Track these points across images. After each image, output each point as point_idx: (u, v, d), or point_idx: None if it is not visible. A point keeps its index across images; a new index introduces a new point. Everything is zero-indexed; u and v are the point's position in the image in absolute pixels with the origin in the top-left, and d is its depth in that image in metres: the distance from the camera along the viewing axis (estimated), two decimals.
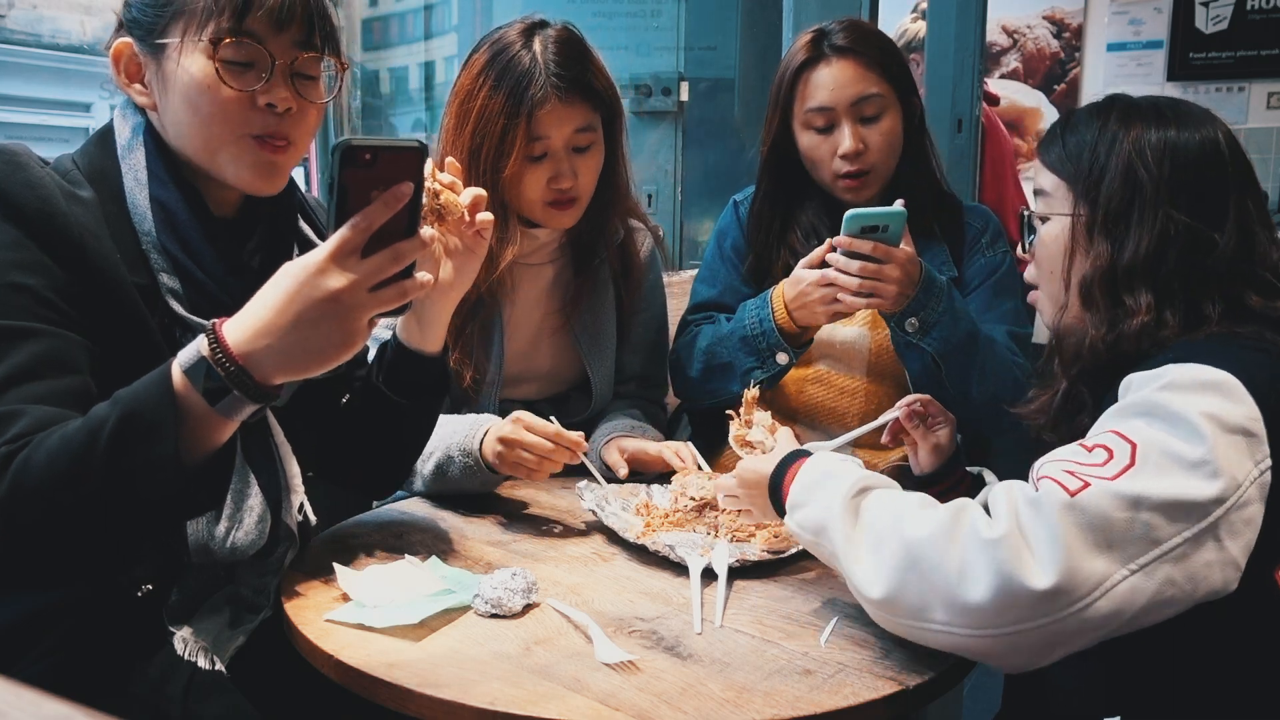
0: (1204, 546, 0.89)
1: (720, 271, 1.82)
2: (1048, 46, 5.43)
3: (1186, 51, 5.09)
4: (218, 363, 0.90)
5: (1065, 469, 0.94)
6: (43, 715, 0.40)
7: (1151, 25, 5.18)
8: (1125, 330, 1.06)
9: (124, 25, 1.13)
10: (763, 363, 1.63)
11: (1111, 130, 1.11)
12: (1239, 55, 5.01)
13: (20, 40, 3.13)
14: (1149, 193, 1.07)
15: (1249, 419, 0.93)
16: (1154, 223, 1.06)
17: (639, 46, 3.26)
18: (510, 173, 1.53)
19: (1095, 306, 1.10)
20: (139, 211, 1.11)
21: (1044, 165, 1.19)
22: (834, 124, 1.65)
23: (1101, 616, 0.88)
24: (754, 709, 0.93)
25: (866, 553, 0.99)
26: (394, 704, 0.98)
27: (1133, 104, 1.14)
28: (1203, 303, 1.05)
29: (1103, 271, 1.09)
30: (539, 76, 1.51)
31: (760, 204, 1.77)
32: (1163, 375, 0.96)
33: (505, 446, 1.42)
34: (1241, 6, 4.95)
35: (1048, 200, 1.17)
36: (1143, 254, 1.06)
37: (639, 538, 1.32)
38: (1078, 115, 1.17)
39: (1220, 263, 1.06)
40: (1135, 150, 1.09)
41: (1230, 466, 0.90)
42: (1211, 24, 5.03)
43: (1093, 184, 1.11)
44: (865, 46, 1.64)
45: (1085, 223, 1.11)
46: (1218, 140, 1.10)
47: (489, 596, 1.12)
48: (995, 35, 5.41)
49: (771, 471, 1.17)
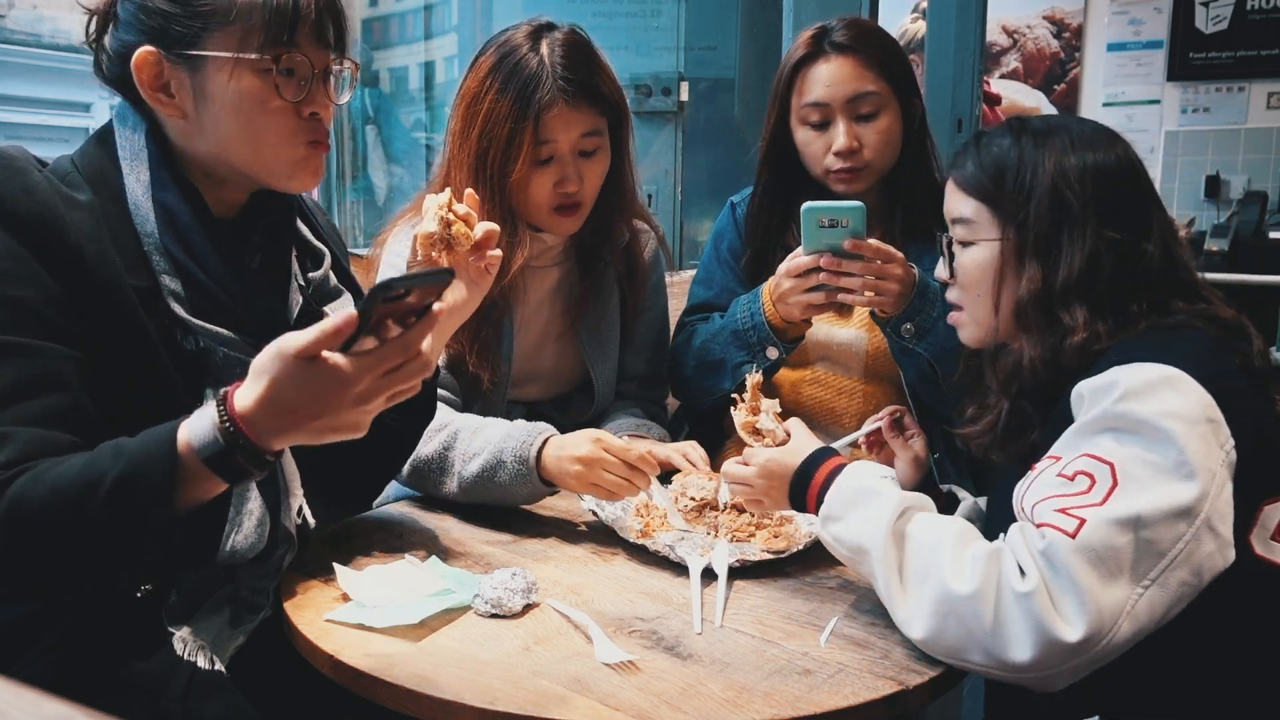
0: (1203, 541, 0.94)
1: (716, 273, 1.82)
2: (1048, 46, 5.43)
3: (1186, 51, 5.09)
4: (226, 433, 0.92)
5: (1057, 509, 0.97)
6: (43, 715, 0.40)
7: (1151, 25, 5.18)
8: (1064, 347, 1.10)
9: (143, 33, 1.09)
10: (753, 357, 1.64)
11: (1030, 154, 1.15)
12: (1239, 55, 5.01)
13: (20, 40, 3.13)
14: (1077, 213, 1.11)
15: (1205, 406, 0.97)
16: (1084, 241, 1.11)
17: (639, 46, 3.26)
18: (517, 176, 1.52)
19: (1031, 327, 1.13)
20: (141, 213, 1.11)
21: (961, 191, 1.21)
22: (829, 120, 1.65)
23: (1127, 638, 0.93)
24: (754, 709, 0.93)
25: (909, 592, 1.02)
26: (394, 704, 0.98)
27: (1045, 126, 1.17)
28: (1129, 307, 1.10)
29: (1037, 293, 1.12)
30: (546, 80, 1.50)
31: (759, 199, 1.77)
32: (1115, 385, 1.00)
33: (584, 466, 1.38)
34: (1241, 6, 4.95)
35: (970, 226, 1.19)
36: (1076, 273, 1.10)
37: (639, 538, 1.32)
38: (989, 140, 1.20)
39: (1148, 271, 1.10)
40: (1058, 173, 1.12)
41: (1203, 459, 0.95)
42: (1211, 24, 5.03)
43: (1019, 208, 1.14)
44: (865, 44, 1.64)
45: (1014, 246, 1.14)
46: (1131, 157, 1.15)
47: (489, 596, 1.12)
48: (995, 35, 5.42)
49: (798, 466, 1.18)
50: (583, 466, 1.37)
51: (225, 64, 1.08)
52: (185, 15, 1.08)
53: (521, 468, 1.41)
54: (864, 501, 1.09)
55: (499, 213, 1.55)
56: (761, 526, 1.35)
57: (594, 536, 1.39)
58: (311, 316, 1.22)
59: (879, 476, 1.12)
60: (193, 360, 1.12)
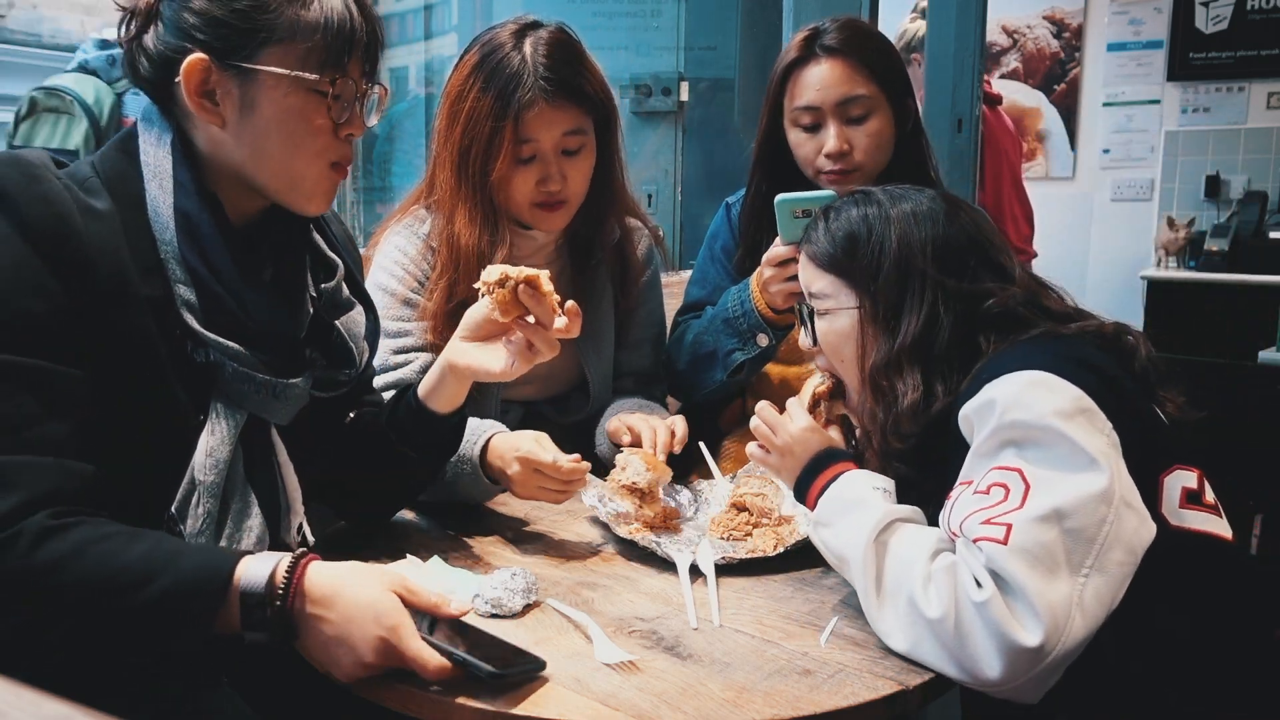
0: (1125, 518, 0.98)
1: (710, 272, 1.83)
2: (1048, 46, 5.44)
3: (1186, 51, 5.09)
4: (276, 605, 0.97)
5: (983, 520, 1.00)
6: (43, 715, 0.40)
7: (1151, 25, 5.19)
8: (899, 411, 1.16)
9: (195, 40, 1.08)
10: (744, 344, 1.65)
11: (879, 227, 1.21)
12: (1239, 55, 5.01)
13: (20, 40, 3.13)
14: (920, 278, 1.18)
15: (1075, 399, 1.03)
16: (922, 305, 1.17)
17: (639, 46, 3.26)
18: (499, 175, 1.53)
19: (881, 393, 1.19)
20: (161, 221, 1.10)
21: (813, 265, 1.27)
22: (820, 123, 1.66)
23: (1081, 632, 0.95)
24: (754, 709, 0.93)
25: (885, 606, 1.05)
26: (394, 704, 0.98)
27: (890, 199, 1.24)
28: (978, 340, 1.16)
29: (884, 360, 1.18)
30: (527, 79, 1.50)
31: (752, 198, 1.78)
32: (993, 401, 1.04)
33: (518, 482, 1.39)
34: (1241, 6, 4.96)
35: (827, 299, 1.25)
36: (915, 334, 1.17)
37: (630, 533, 1.32)
38: (838, 214, 1.26)
39: (996, 308, 1.17)
40: (904, 245, 1.19)
41: (1092, 446, 1.00)
42: (1211, 24, 5.03)
43: (869, 278, 1.20)
44: (856, 47, 1.64)
45: (869, 314, 1.21)
46: (976, 223, 1.23)
47: (489, 596, 1.12)
48: (995, 35, 5.42)
49: (804, 465, 1.21)
50: (517, 483, 1.39)
51: (280, 79, 1.09)
52: (245, 27, 1.08)
53: (466, 467, 1.43)
54: (851, 511, 1.11)
55: (481, 210, 1.55)
56: (758, 525, 1.35)
57: (594, 536, 1.39)
58: (322, 328, 1.22)
59: (871, 487, 1.13)
60: (201, 373, 1.12)
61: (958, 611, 0.97)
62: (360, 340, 1.27)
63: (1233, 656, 1.03)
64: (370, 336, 1.29)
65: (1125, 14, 5.25)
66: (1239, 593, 1.06)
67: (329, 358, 1.23)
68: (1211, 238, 4.69)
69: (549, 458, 1.36)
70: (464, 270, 1.54)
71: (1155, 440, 1.08)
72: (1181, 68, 5.11)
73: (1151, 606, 1.01)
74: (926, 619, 0.99)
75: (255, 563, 0.99)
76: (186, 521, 1.10)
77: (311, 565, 1.00)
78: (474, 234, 1.55)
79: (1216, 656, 1.02)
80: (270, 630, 0.98)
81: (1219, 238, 4.64)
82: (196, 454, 1.11)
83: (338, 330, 1.24)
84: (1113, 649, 0.99)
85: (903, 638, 1.02)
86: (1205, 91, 5.11)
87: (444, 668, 0.95)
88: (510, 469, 1.39)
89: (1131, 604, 0.98)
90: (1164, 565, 1.01)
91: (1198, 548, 1.05)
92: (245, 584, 0.97)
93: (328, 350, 1.23)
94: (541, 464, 1.36)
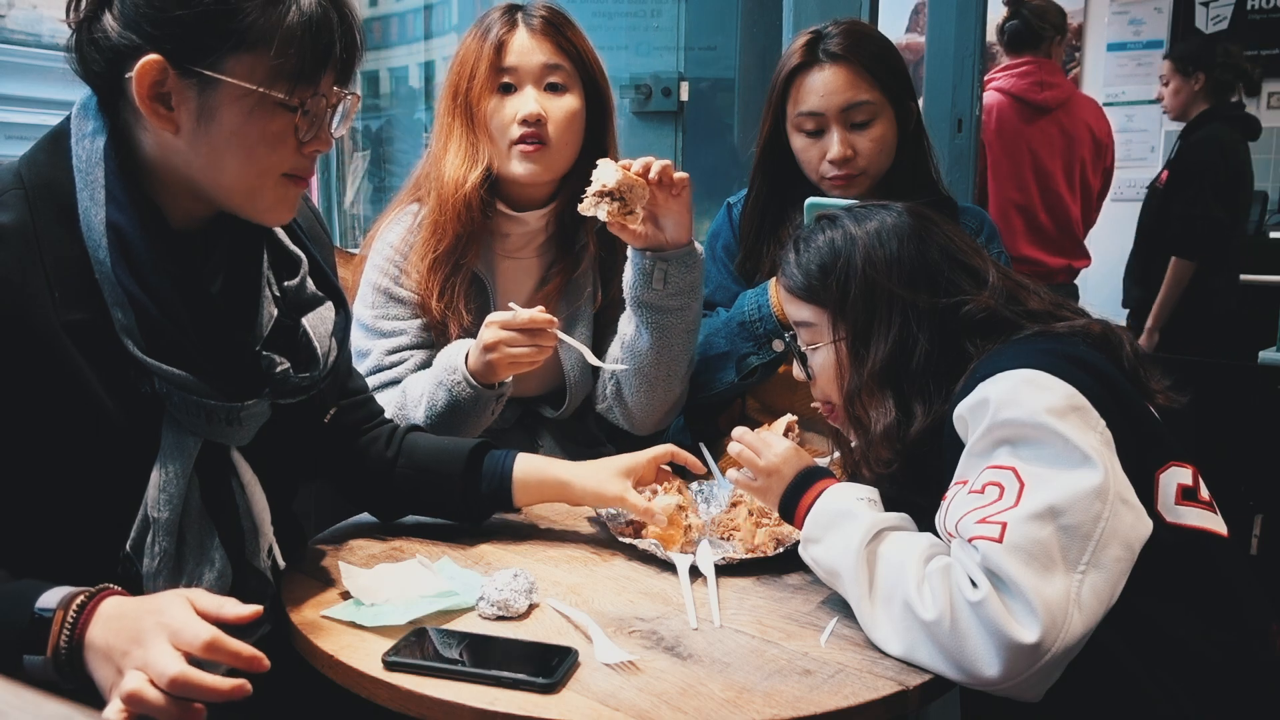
0: (1120, 514, 0.98)
1: (712, 271, 1.83)
2: None
3: None
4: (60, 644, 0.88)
5: (977, 520, 1.00)
6: (43, 715, 0.40)
7: (1151, 25, 5.19)
8: (874, 436, 1.17)
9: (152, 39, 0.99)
10: (759, 348, 1.65)
11: (844, 251, 1.21)
12: None
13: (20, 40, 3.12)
14: (887, 298, 1.17)
15: (1068, 397, 1.03)
16: (890, 327, 1.17)
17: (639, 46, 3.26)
18: (479, 101, 1.57)
19: (856, 422, 1.20)
20: (93, 237, 1.00)
21: (792, 297, 1.26)
22: (823, 129, 1.66)
23: (1080, 628, 0.95)
24: (754, 709, 0.93)
25: (878, 613, 1.05)
26: (394, 704, 0.98)
27: (855, 219, 1.23)
28: (964, 347, 1.16)
29: (858, 387, 1.19)
30: (512, 16, 1.59)
31: (753, 202, 1.78)
32: (986, 400, 1.05)
33: (494, 351, 1.44)
34: (1241, 6, 4.96)
35: (812, 330, 1.25)
36: (883, 360, 1.16)
37: (628, 536, 1.32)
38: (806, 243, 1.25)
39: (978, 313, 1.16)
40: (869, 265, 1.18)
41: (1085, 443, 1.00)
42: (1211, 24, 5.03)
43: (841, 305, 1.20)
44: (859, 53, 1.64)
45: (848, 344, 1.20)
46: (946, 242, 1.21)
47: (494, 599, 1.12)
48: (995, 35, 5.41)
49: (789, 483, 1.19)
50: (493, 353, 1.43)
51: (245, 92, 1.00)
52: (211, 32, 0.98)
53: (453, 376, 1.47)
54: (839, 524, 1.11)
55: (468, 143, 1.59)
56: (759, 525, 1.35)
57: (594, 536, 1.39)
58: (287, 329, 1.14)
59: (856, 499, 1.13)
60: (147, 400, 1.04)
61: (954, 612, 0.97)
62: (326, 338, 1.18)
63: (1231, 653, 1.03)
64: (340, 332, 1.20)
65: (1125, 14, 5.25)
66: (1236, 589, 1.06)
67: (292, 360, 1.13)
68: None
69: (507, 314, 1.43)
70: (448, 205, 1.57)
71: (1150, 437, 1.08)
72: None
73: (1149, 603, 1.01)
74: (922, 621, 0.99)
75: (52, 592, 0.91)
76: (143, 560, 1.04)
77: (108, 596, 0.91)
78: (459, 166, 1.58)
79: (1215, 652, 1.02)
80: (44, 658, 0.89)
81: None
82: (149, 489, 1.03)
83: (303, 329, 1.15)
84: (1112, 646, 0.99)
85: (899, 643, 1.02)
86: None
87: None
88: (482, 341, 1.44)
89: (1129, 600, 0.99)
90: (1161, 562, 1.01)
91: (1194, 544, 1.06)
92: (39, 606, 0.90)
93: (293, 351, 1.14)
94: (502, 320, 1.42)
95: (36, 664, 0.89)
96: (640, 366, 1.60)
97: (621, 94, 3.23)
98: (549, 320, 1.43)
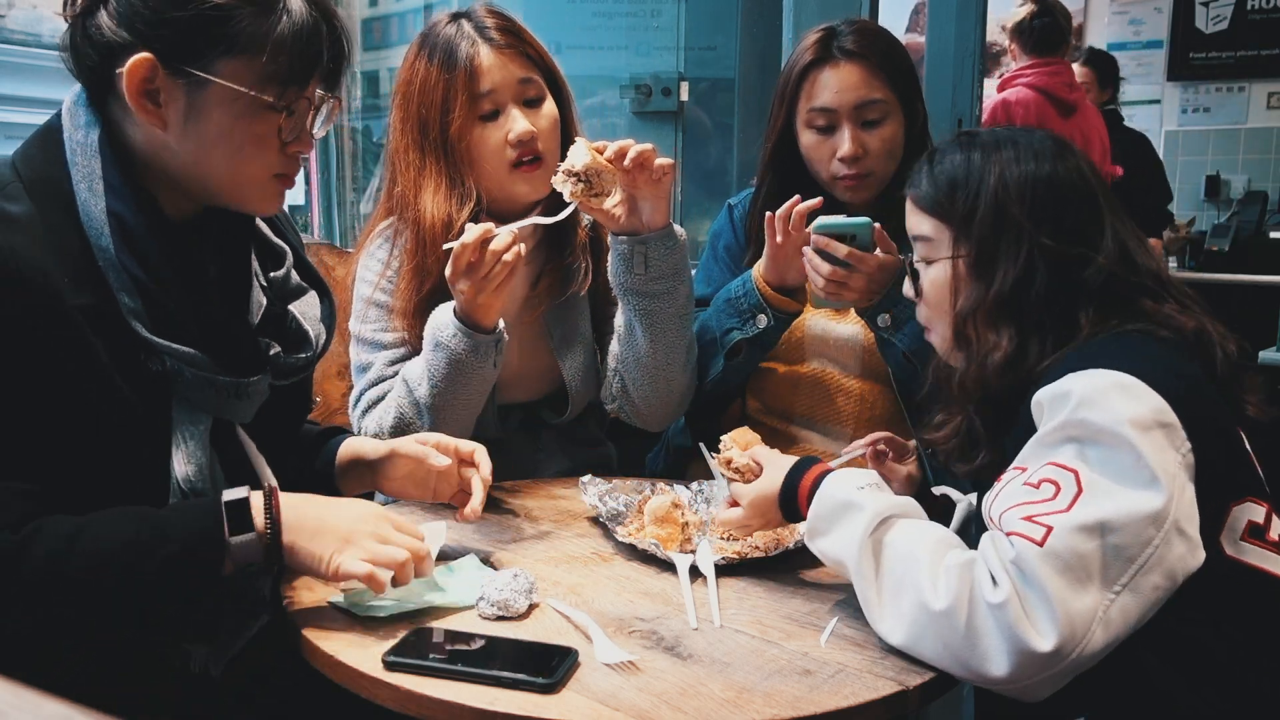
0: (1173, 544, 0.95)
1: (713, 270, 1.83)
2: None
3: (1186, 51, 5.10)
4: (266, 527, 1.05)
5: (1023, 516, 0.98)
6: (43, 715, 0.40)
7: (1151, 25, 5.19)
8: (989, 365, 1.12)
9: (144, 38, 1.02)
10: (743, 324, 1.64)
11: (977, 168, 1.16)
12: (1239, 55, 5.01)
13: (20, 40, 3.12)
14: (1015, 227, 1.12)
15: (1158, 411, 0.98)
16: (1018, 255, 1.12)
17: (639, 46, 3.26)
18: (461, 136, 1.52)
19: (967, 343, 1.15)
20: (95, 226, 1.03)
21: (916, 209, 1.22)
22: (835, 126, 1.66)
23: (1101, 645, 0.93)
24: (754, 709, 0.93)
25: (885, 603, 1.03)
26: (394, 704, 0.98)
27: (994, 139, 1.18)
28: (1077, 314, 1.10)
29: (974, 308, 1.14)
30: (469, 33, 1.53)
31: (763, 199, 1.77)
32: (1070, 393, 1.00)
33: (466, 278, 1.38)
34: (1241, 6, 4.96)
35: (929, 244, 1.21)
36: (1007, 288, 1.12)
37: (627, 536, 1.32)
38: (941, 155, 1.21)
39: (1097, 277, 1.11)
40: (1001, 185, 1.13)
41: (1162, 464, 0.96)
42: (1211, 24, 5.04)
43: (966, 222, 1.15)
44: (873, 51, 1.65)
45: (967, 262, 1.16)
46: (1080, 168, 1.15)
47: (495, 599, 1.11)
48: (995, 35, 5.41)
49: (781, 485, 1.18)
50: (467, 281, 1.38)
51: (234, 94, 1.03)
52: (203, 35, 1.02)
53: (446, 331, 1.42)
54: (843, 515, 1.09)
55: (448, 176, 1.53)
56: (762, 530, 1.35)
57: (594, 536, 1.39)
58: (276, 317, 1.19)
59: (857, 487, 1.11)
60: (157, 380, 1.07)
61: (970, 609, 0.96)
62: (316, 323, 1.24)
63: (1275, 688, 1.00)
64: (327, 320, 1.26)
65: (1125, 14, 5.25)
66: None
67: (285, 344, 1.19)
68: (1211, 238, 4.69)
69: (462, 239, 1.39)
70: (431, 247, 1.52)
71: (1235, 468, 1.05)
72: (1181, 68, 5.12)
73: (1199, 629, 0.99)
74: (932, 611, 0.97)
75: (231, 493, 1.05)
76: None
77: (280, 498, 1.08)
78: (444, 205, 1.52)
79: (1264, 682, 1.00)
80: (257, 533, 1.04)
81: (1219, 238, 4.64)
82: (175, 465, 1.08)
83: (292, 315, 1.21)
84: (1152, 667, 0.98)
85: (904, 633, 1.00)
86: (1205, 91, 5.11)
87: None
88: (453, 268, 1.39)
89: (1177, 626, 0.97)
90: (1213, 593, 0.98)
91: (1250, 581, 1.02)
92: (229, 498, 1.04)
93: (283, 336, 1.20)
94: (455, 255, 1.38)
95: (249, 540, 1.04)
96: (639, 358, 1.60)
97: (621, 94, 3.23)
98: (487, 229, 1.38)
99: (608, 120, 3.27)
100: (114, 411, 1.04)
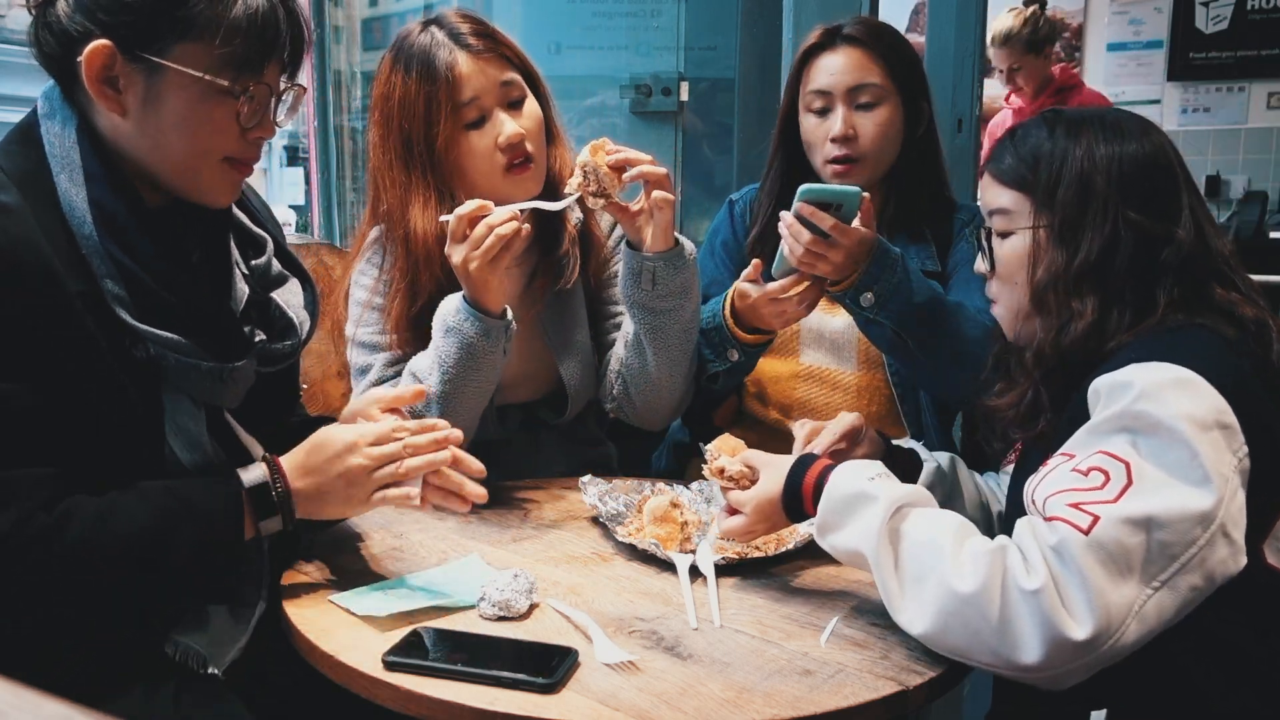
0: (1217, 546, 0.94)
1: (709, 266, 1.83)
2: None
3: (1186, 51, 5.09)
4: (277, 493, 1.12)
5: (1069, 503, 0.96)
6: (43, 715, 0.40)
7: (1151, 25, 5.19)
8: (1071, 333, 1.11)
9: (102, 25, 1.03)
10: (716, 356, 1.64)
11: (1063, 143, 1.16)
12: (1239, 55, 5.01)
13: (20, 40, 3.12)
14: (1101, 198, 1.12)
15: (1219, 412, 0.97)
16: (1104, 226, 1.11)
17: (639, 46, 3.26)
18: (451, 154, 1.51)
19: (1047, 310, 1.14)
20: (77, 215, 1.05)
21: (997, 183, 1.22)
22: (830, 108, 1.67)
23: (1134, 639, 0.92)
24: (754, 709, 0.93)
25: (907, 592, 1.01)
26: (394, 704, 0.98)
27: (1079, 117, 1.18)
28: (1156, 293, 1.10)
29: (1056, 276, 1.13)
30: (444, 41, 1.51)
31: (772, 180, 1.78)
32: (1130, 384, 0.99)
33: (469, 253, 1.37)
34: (1241, 6, 4.96)
35: (1008, 216, 1.20)
36: (1093, 257, 1.11)
37: (627, 536, 1.32)
38: (1026, 130, 1.21)
39: (1175, 256, 1.10)
40: (1088, 159, 1.13)
41: (1217, 465, 0.94)
42: (1211, 24, 5.04)
43: (1050, 194, 1.15)
44: (873, 39, 1.67)
45: (1049, 232, 1.15)
46: (1164, 146, 1.15)
47: (494, 599, 1.11)
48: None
49: (783, 489, 1.16)
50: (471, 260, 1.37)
51: (190, 79, 1.04)
52: (159, 20, 1.03)
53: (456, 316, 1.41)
54: (855, 507, 1.08)
55: (437, 192, 1.52)
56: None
57: (594, 536, 1.39)
58: (260, 305, 1.21)
59: (867, 478, 1.10)
60: (144, 367, 1.08)
61: (1003, 596, 0.94)
62: (300, 310, 1.25)
63: None
64: (310, 306, 1.27)
65: (1125, 14, 5.25)
66: None
67: (269, 331, 1.21)
68: None
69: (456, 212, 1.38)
70: (425, 264, 1.51)
71: None
72: (1181, 68, 5.11)
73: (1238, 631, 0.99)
74: (959, 597, 0.96)
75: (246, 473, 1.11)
76: None
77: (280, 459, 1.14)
78: (432, 217, 1.51)
79: None
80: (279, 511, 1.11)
81: None
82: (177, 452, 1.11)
83: (275, 303, 1.22)
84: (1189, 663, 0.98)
85: (928, 622, 0.98)
86: (1205, 91, 5.11)
87: None
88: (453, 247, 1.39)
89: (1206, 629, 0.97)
90: (1253, 598, 0.98)
91: None
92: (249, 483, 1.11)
93: (268, 324, 1.21)
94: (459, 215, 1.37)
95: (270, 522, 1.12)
96: (643, 367, 1.60)
97: (621, 94, 3.23)
98: (481, 205, 1.38)
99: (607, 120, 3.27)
100: (112, 395, 1.06)
